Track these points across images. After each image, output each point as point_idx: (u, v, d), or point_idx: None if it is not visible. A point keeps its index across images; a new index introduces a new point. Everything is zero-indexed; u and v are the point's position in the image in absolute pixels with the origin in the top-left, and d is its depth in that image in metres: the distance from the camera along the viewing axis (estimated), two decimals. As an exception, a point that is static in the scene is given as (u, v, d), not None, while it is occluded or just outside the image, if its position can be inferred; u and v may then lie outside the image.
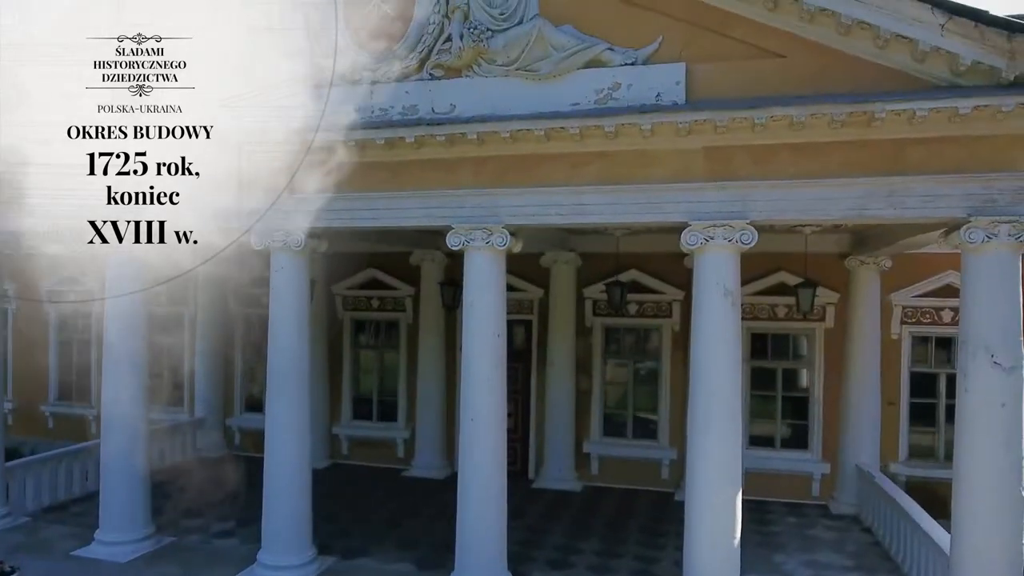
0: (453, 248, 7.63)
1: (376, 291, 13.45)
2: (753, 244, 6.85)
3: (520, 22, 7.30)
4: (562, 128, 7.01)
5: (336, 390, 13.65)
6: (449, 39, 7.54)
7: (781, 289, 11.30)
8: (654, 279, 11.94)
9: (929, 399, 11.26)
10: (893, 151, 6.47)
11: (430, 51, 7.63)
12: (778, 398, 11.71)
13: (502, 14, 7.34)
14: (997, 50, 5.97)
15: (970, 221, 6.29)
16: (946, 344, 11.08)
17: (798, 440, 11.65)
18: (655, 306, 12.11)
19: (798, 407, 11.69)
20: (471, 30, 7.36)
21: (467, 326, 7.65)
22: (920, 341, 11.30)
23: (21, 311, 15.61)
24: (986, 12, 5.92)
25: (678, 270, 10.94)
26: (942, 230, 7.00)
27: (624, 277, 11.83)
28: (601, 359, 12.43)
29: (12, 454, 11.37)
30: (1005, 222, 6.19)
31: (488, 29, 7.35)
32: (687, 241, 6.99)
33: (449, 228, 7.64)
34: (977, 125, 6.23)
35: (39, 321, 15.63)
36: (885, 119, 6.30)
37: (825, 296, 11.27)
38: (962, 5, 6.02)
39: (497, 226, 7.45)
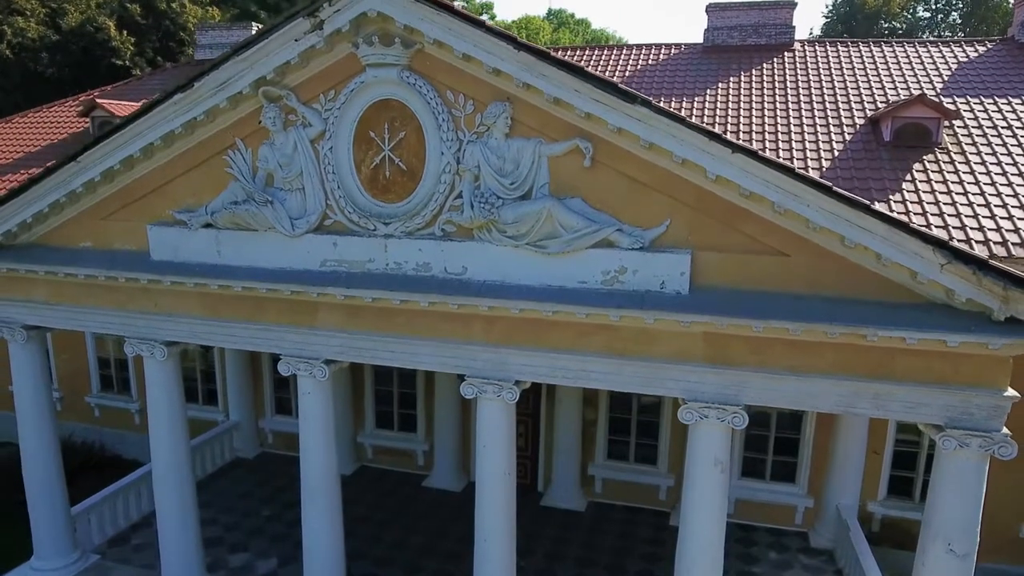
0: (467, 397, 8.18)
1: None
2: (744, 426, 7.38)
3: (530, 192, 7.38)
4: (568, 312, 7.33)
5: (359, 402, 14.66)
6: (460, 196, 7.64)
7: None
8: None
9: (912, 448, 12.04)
10: (882, 358, 6.79)
11: (441, 207, 7.75)
12: (771, 437, 12.55)
13: (512, 183, 7.39)
14: (992, 294, 6.16)
15: (945, 431, 6.75)
16: (934, 400, 11.69)
17: (786, 475, 12.62)
18: (660, 347, 12.63)
19: (789, 446, 12.54)
20: (481, 201, 7.44)
21: (480, 463, 8.33)
22: (910, 396, 11.87)
23: (56, 309, 16.37)
24: (985, 260, 6.04)
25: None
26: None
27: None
28: (607, 391, 13.16)
29: (63, 443, 12.35)
30: (978, 436, 6.64)
31: (499, 197, 7.43)
32: (683, 416, 7.51)
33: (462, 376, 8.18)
34: (965, 346, 6.51)
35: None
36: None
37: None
38: (962, 250, 6.14)
39: (507, 383, 7.94)
